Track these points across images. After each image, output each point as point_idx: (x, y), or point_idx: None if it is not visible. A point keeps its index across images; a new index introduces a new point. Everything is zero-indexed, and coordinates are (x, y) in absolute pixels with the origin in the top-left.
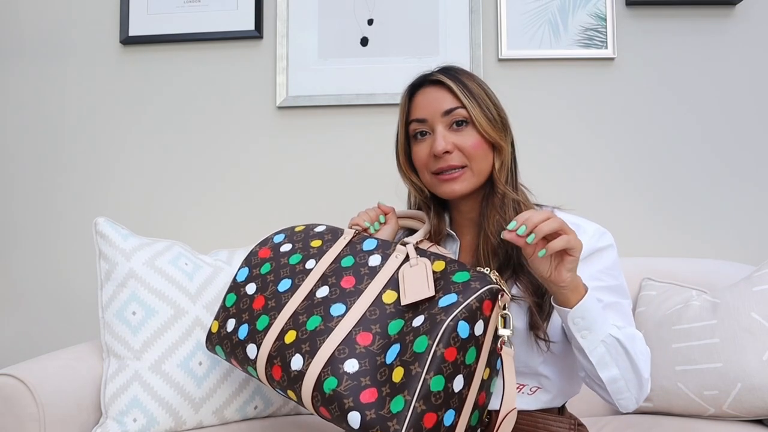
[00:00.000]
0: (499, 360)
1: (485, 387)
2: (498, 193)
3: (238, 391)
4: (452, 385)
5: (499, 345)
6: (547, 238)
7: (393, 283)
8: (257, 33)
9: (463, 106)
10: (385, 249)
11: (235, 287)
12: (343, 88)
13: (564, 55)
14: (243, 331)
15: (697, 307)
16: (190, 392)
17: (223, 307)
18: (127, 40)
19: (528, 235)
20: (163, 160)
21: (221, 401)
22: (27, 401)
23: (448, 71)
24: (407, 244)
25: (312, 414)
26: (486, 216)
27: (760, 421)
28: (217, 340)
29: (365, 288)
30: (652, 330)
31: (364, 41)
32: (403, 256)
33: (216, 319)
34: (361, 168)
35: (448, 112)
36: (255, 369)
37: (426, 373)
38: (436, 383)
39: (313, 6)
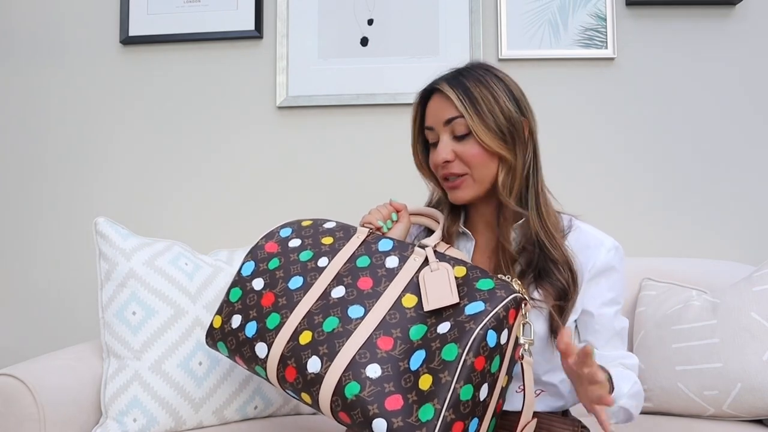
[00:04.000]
0: (516, 367)
1: (503, 394)
2: (509, 212)
3: (238, 391)
4: (479, 394)
5: (520, 354)
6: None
7: (412, 287)
8: (257, 33)
9: (462, 116)
10: (402, 251)
11: (240, 281)
12: (343, 88)
13: (564, 55)
14: (251, 329)
15: (697, 307)
16: (190, 392)
17: (227, 302)
18: (127, 40)
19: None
20: (164, 160)
21: (221, 401)
22: (27, 401)
23: (455, 77)
24: (425, 246)
25: (313, 414)
26: (500, 225)
27: (760, 421)
28: (219, 336)
29: (384, 290)
30: (652, 330)
31: (364, 41)
32: (422, 260)
33: (219, 313)
34: (362, 168)
35: (449, 122)
36: (264, 369)
37: (456, 382)
38: (466, 392)
39: (313, 6)
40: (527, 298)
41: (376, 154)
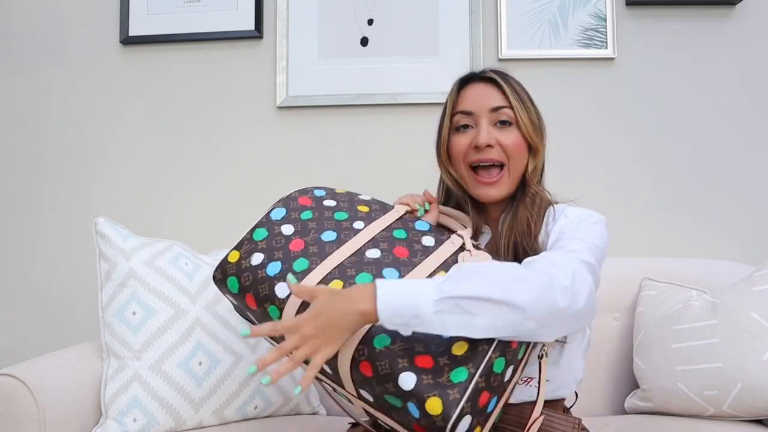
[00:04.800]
0: (532, 367)
1: (514, 387)
2: (530, 193)
3: (238, 391)
4: (506, 372)
5: (541, 353)
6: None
7: (447, 267)
8: (257, 33)
9: (511, 107)
10: (438, 234)
11: (268, 223)
12: (343, 88)
13: (564, 55)
14: (274, 268)
15: (697, 307)
16: (190, 392)
17: (249, 240)
18: (127, 40)
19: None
20: (164, 160)
21: (221, 401)
22: (27, 401)
23: (499, 72)
24: (461, 235)
25: (313, 414)
26: (516, 215)
27: (760, 421)
28: (233, 271)
29: (419, 263)
30: (652, 330)
31: (364, 41)
32: (457, 246)
33: (237, 249)
34: (362, 168)
35: (496, 110)
36: (280, 310)
37: (492, 352)
38: (498, 365)
39: (313, 6)
40: None
41: (376, 154)
